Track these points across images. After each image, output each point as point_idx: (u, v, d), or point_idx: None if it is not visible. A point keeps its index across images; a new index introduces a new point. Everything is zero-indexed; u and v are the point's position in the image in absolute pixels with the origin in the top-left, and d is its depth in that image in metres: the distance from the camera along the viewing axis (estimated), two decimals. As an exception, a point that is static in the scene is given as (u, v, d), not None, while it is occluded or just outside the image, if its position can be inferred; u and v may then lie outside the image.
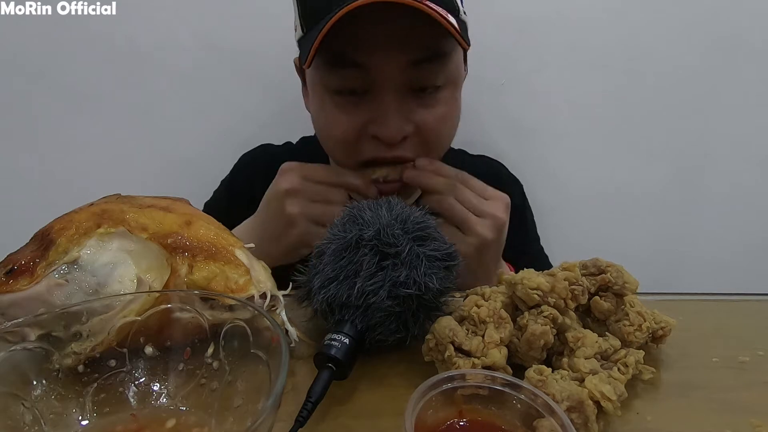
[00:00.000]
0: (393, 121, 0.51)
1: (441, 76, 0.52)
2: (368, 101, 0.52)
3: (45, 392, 0.27)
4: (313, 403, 0.29)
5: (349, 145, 0.54)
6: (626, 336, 0.36)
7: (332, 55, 0.50)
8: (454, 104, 0.56)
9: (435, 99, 0.53)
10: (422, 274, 0.34)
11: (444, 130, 0.56)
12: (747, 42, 0.87)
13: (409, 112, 0.52)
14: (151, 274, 0.33)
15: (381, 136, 0.51)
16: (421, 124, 0.53)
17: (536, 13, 0.85)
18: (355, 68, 0.50)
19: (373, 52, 0.49)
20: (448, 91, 0.54)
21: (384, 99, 0.51)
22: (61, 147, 0.87)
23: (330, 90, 0.53)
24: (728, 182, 0.94)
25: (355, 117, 0.53)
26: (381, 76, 0.50)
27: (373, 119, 0.52)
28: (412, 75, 0.50)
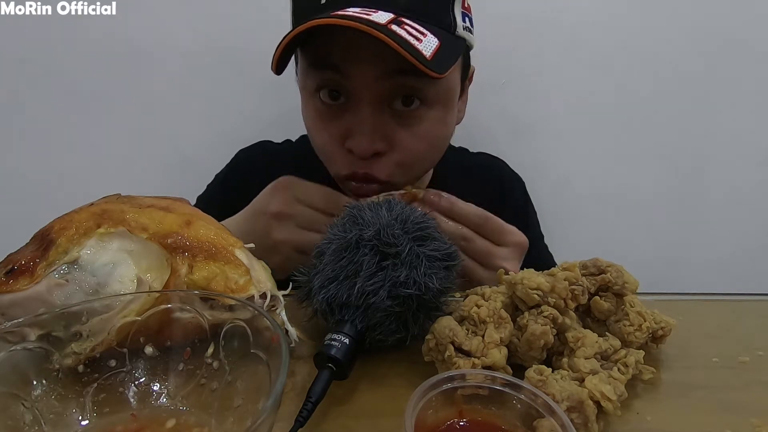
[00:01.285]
0: (366, 136, 0.49)
1: (421, 92, 0.50)
2: (346, 113, 0.50)
3: (45, 392, 0.27)
4: (313, 403, 0.29)
5: (331, 158, 0.53)
6: (626, 336, 0.36)
7: (314, 58, 0.50)
8: (441, 125, 0.53)
9: (417, 117, 0.51)
10: (422, 274, 0.34)
11: (422, 153, 0.53)
12: (747, 42, 0.87)
13: (385, 128, 0.50)
14: (151, 274, 0.33)
15: (353, 150, 0.50)
16: (396, 143, 0.51)
17: (536, 13, 0.85)
18: (333, 71, 0.49)
19: (350, 59, 0.48)
20: (434, 111, 0.51)
21: (359, 112, 0.49)
22: (61, 147, 0.87)
23: (312, 92, 0.52)
24: (728, 182, 0.94)
25: (334, 127, 0.51)
26: (357, 85, 0.49)
27: (349, 132, 0.50)
28: (388, 86, 0.48)
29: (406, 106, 0.50)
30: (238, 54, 0.84)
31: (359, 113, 0.49)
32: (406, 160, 0.52)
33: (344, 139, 0.51)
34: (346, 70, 0.48)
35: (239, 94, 0.87)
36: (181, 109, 0.87)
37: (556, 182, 0.93)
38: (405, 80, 0.48)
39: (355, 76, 0.48)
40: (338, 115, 0.51)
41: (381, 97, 0.49)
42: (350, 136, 0.50)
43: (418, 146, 0.52)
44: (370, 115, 0.49)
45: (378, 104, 0.49)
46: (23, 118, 0.85)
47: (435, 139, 0.54)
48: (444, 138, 0.56)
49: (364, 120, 0.49)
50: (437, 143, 0.55)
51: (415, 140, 0.51)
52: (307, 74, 0.52)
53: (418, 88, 0.49)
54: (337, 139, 0.51)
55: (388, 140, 0.51)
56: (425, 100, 0.50)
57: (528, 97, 0.89)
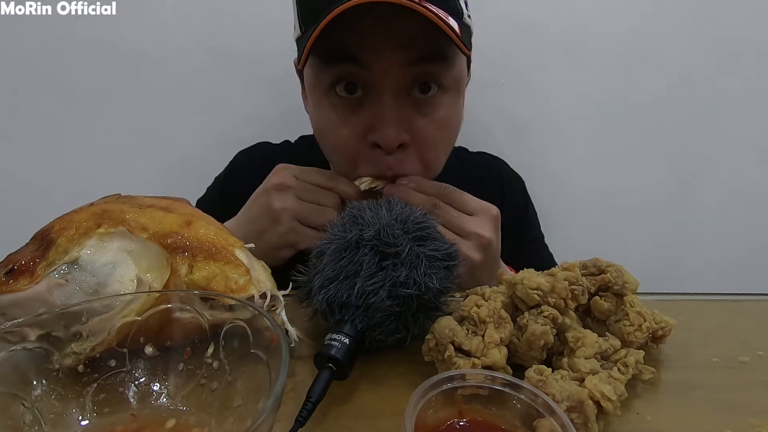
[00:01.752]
0: (392, 127, 0.49)
1: (441, 79, 0.50)
2: (366, 106, 0.50)
3: (45, 392, 0.27)
4: (313, 403, 0.29)
5: (350, 157, 0.52)
6: (626, 336, 0.36)
7: (328, 49, 0.48)
8: (455, 111, 0.54)
9: (435, 104, 0.51)
10: (422, 274, 0.34)
11: (444, 140, 0.54)
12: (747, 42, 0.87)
13: (408, 117, 0.50)
14: (151, 274, 0.33)
15: (380, 142, 0.49)
16: (417, 132, 0.51)
17: (536, 13, 0.85)
18: (352, 63, 0.48)
19: (370, 49, 0.47)
20: (449, 97, 0.52)
21: (381, 102, 0.49)
22: (61, 147, 0.87)
23: (326, 89, 0.51)
24: (728, 182, 0.94)
25: (353, 123, 0.51)
26: (378, 76, 0.48)
27: (372, 125, 0.50)
28: (410, 74, 0.48)
29: (423, 94, 0.50)
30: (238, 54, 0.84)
31: (381, 104, 0.49)
32: (424, 151, 0.52)
33: (366, 133, 0.50)
34: (365, 60, 0.47)
35: (239, 94, 0.87)
36: (180, 110, 0.87)
37: (556, 182, 0.93)
38: (427, 67, 0.48)
39: (375, 66, 0.47)
40: (356, 110, 0.50)
41: (402, 86, 0.49)
42: (374, 129, 0.49)
43: (437, 134, 0.52)
44: (393, 104, 0.49)
45: (399, 93, 0.49)
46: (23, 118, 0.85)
47: (451, 126, 0.54)
48: (458, 125, 0.56)
49: (388, 110, 0.48)
50: (453, 130, 0.56)
51: (434, 128, 0.52)
52: (319, 71, 0.51)
53: (438, 74, 0.50)
54: (359, 134, 0.50)
55: (411, 131, 0.51)
56: (442, 86, 0.51)
57: (528, 97, 0.89)
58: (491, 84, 0.87)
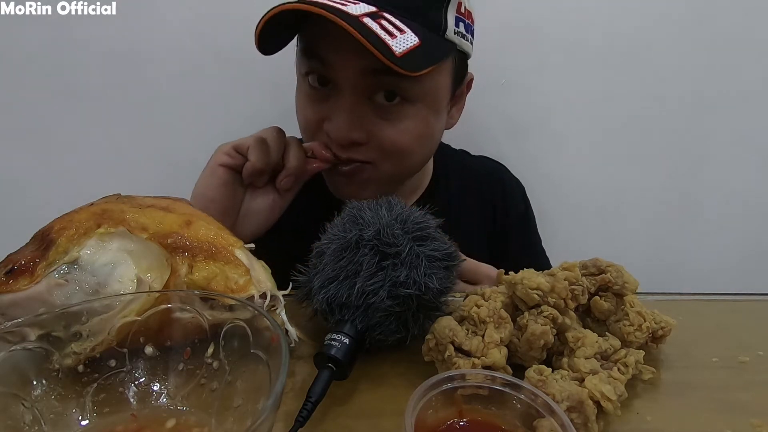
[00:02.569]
0: (343, 124, 0.50)
1: (404, 89, 0.50)
2: (330, 99, 0.52)
3: (45, 392, 0.27)
4: (313, 403, 0.29)
5: (309, 135, 0.56)
6: (626, 336, 0.36)
7: (304, 44, 0.52)
8: (422, 124, 0.53)
9: (399, 113, 0.51)
10: (422, 274, 0.34)
11: (406, 145, 0.53)
12: (747, 42, 0.87)
13: (364, 119, 0.51)
14: (151, 274, 0.33)
15: (330, 132, 0.52)
16: (377, 135, 0.51)
17: (536, 13, 0.85)
18: (318, 61, 0.51)
19: (332, 50, 0.49)
20: (416, 109, 0.51)
21: (339, 100, 0.51)
22: (61, 147, 0.87)
23: (302, 75, 0.54)
24: (728, 182, 0.94)
25: (316, 110, 0.53)
26: (339, 75, 0.50)
27: (330, 116, 0.52)
28: (370, 83, 0.49)
29: (388, 101, 0.51)
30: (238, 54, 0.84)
31: (339, 102, 0.51)
32: (388, 150, 0.53)
33: (323, 121, 0.53)
34: (329, 61, 0.50)
35: (239, 94, 0.87)
36: (181, 109, 0.87)
37: (555, 182, 0.93)
38: (386, 78, 0.49)
39: (337, 68, 0.49)
40: (323, 99, 0.53)
41: (362, 90, 0.50)
42: (329, 120, 0.52)
43: (400, 138, 0.52)
44: (350, 105, 0.50)
45: (359, 96, 0.50)
46: (23, 118, 0.85)
47: (417, 137, 0.54)
48: (426, 139, 0.56)
49: (344, 109, 0.50)
50: (420, 141, 0.54)
51: (396, 133, 0.52)
52: (299, 58, 0.55)
53: (400, 86, 0.50)
54: (318, 120, 0.53)
55: (367, 132, 0.51)
56: (408, 98, 0.51)
57: (528, 97, 0.89)
58: (491, 84, 0.87)
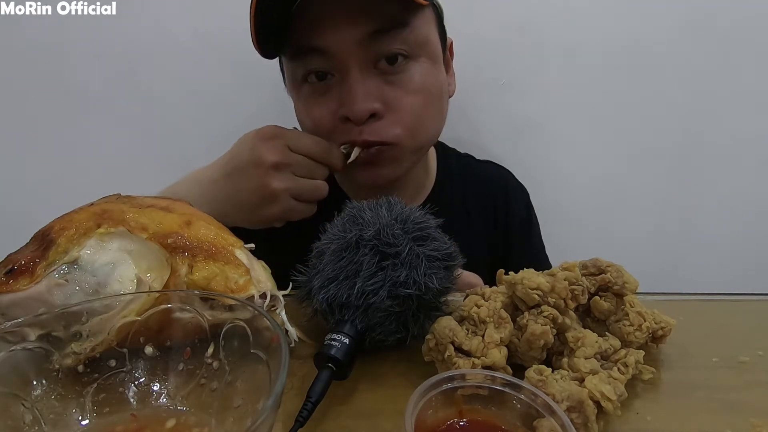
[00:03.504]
0: (358, 98, 0.50)
1: (404, 46, 0.51)
2: (336, 87, 0.52)
3: (45, 392, 0.27)
4: (313, 403, 0.29)
5: (326, 136, 0.54)
6: (626, 336, 0.36)
7: (293, 45, 0.51)
8: (431, 77, 0.54)
9: (405, 75, 0.52)
10: (422, 274, 0.34)
11: (421, 106, 0.53)
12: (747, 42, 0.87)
13: (376, 88, 0.51)
14: (151, 274, 0.33)
15: (348, 114, 0.51)
16: (392, 102, 0.52)
17: (536, 12, 0.85)
18: (315, 53, 0.50)
19: (326, 33, 0.49)
20: (420, 65, 0.52)
21: (348, 79, 0.50)
22: (61, 147, 0.87)
23: (299, 81, 0.54)
24: (729, 182, 0.94)
25: (325, 104, 0.53)
26: (340, 55, 0.50)
27: (342, 101, 0.51)
28: (371, 50, 0.50)
29: (391, 65, 0.51)
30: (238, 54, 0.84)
31: (348, 81, 0.51)
32: (406, 119, 0.53)
33: (337, 110, 0.52)
34: (327, 46, 0.49)
35: (239, 94, 0.87)
36: (181, 109, 0.87)
37: (555, 181, 0.93)
38: (386, 38, 0.49)
39: (337, 48, 0.49)
40: (327, 92, 0.53)
41: (366, 60, 0.50)
42: (343, 104, 0.51)
43: (414, 100, 0.52)
44: (359, 79, 0.50)
45: (365, 68, 0.51)
46: (23, 118, 0.85)
47: (428, 92, 0.54)
48: (438, 92, 0.56)
49: (354, 84, 0.50)
50: (432, 97, 0.55)
51: (410, 95, 0.52)
52: (292, 68, 0.54)
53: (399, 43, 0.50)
54: (332, 112, 0.53)
55: (383, 101, 0.51)
56: (409, 55, 0.52)
57: (528, 97, 0.89)
58: (491, 84, 0.87)
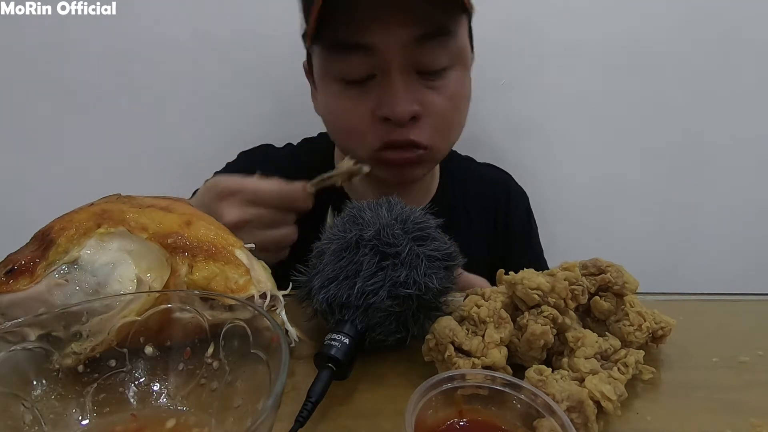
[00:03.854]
0: (401, 98, 0.50)
1: (446, 55, 0.52)
2: (375, 86, 0.51)
3: (45, 392, 0.27)
4: (313, 403, 0.29)
5: (361, 135, 0.54)
6: (626, 336, 0.36)
7: (335, 41, 0.50)
8: (464, 85, 0.56)
9: (443, 81, 0.53)
10: (422, 274, 0.34)
11: (454, 112, 0.55)
12: (747, 41, 0.87)
13: (417, 92, 0.52)
14: (151, 274, 0.33)
15: (390, 115, 0.51)
16: (430, 106, 0.52)
17: (536, 12, 0.85)
18: (359, 51, 0.50)
19: (374, 32, 0.49)
20: (456, 72, 0.54)
21: (390, 79, 0.50)
22: (61, 147, 0.87)
23: (338, 79, 0.53)
24: (729, 182, 0.94)
25: (364, 104, 0.52)
26: (385, 56, 0.49)
27: (382, 102, 0.51)
28: (416, 54, 0.50)
29: (432, 70, 0.52)
30: (238, 54, 0.84)
31: (390, 81, 0.50)
32: (440, 124, 0.54)
33: (376, 110, 0.52)
34: (372, 45, 0.49)
35: (239, 94, 0.87)
36: (181, 109, 0.87)
37: (555, 181, 0.93)
38: (431, 43, 0.50)
39: (382, 48, 0.49)
40: (367, 92, 0.52)
41: (409, 63, 0.51)
42: (384, 104, 0.51)
43: (450, 106, 0.54)
44: (401, 80, 0.50)
45: (407, 70, 0.51)
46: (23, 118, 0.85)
47: (462, 100, 0.56)
48: (468, 100, 0.58)
49: (397, 85, 0.50)
50: (464, 104, 0.57)
51: (446, 101, 0.53)
52: (327, 60, 0.53)
53: (442, 50, 0.51)
54: (368, 113, 0.52)
55: (421, 103, 0.52)
56: (446, 63, 0.52)
57: (528, 97, 0.89)
58: (491, 84, 0.87)
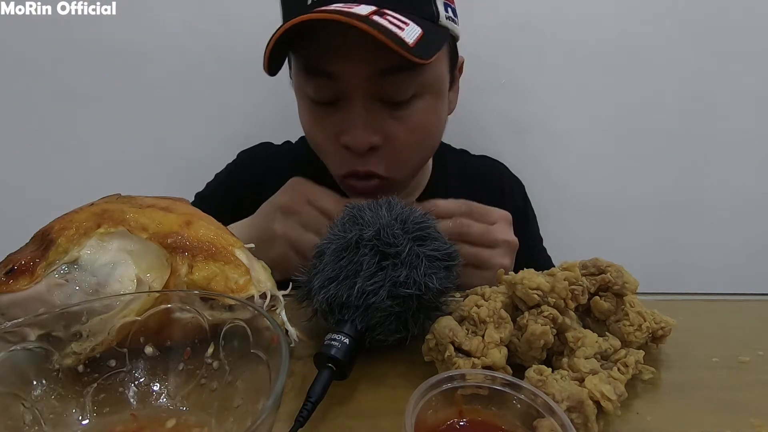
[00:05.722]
0: (360, 130, 0.50)
1: (412, 87, 0.51)
2: (339, 111, 0.51)
3: (45, 392, 0.27)
4: (313, 403, 0.29)
5: (329, 157, 0.55)
6: (626, 336, 0.36)
7: (305, 61, 0.51)
8: (433, 115, 0.55)
9: (408, 110, 0.52)
10: (422, 274, 0.34)
11: (416, 143, 0.54)
12: (747, 42, 0.87)
13: (379, 122, 0.51)
14: (151, 274, 0.33)
15: (349, 145, 0.51)
16: (391, 136, 0.52)
17: (536, 13, 0.85)
18: (324, 77, 0.50)
19: (339, 61, 0.48)
20: (424, 101, 0.52)
21: (352, 109, 0.50)
22: (61, 147, 0.87)
23: (308, 98, 0.53)
24: (728, 181, 0.94)
25: (328, 128, 0.53)
26: (348, 85, 0.49)
27: (343, 129, 0.51)
28: (379, 85, 0.49)
29: (396, 100, 0.51)
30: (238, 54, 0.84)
31: (352, 110, 0.50)
32: (400, 155, 0.53)
33: (339, 136, 0.52)
34: (336, 73, 0.49)
35: (239, 94, 0.87)
36: (180, 109, 0.87)
37: (555, 182, 0.93)
38: (394, 77, 0.49)
39: (345, 78, 0.49)
40: (332, 114, 0.52)
41: (371, 93, 0.50)
42: (344, 132, 0.51)
43: (412, 138, 0.53)
44: (362, 110, 0.50)
45: (370, 100, 0.50)
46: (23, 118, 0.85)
47: (427, 130, 0.55)
48: (436, 128, 0.57)
49: (357, 115, 0.50)
50: (430, 134, 0.56)
51: (408, 132, 0.52)
52: (299, 78, 0.54)
53: (408, 83, 0.50)
54: (332, 136, 0.53)
55: (383, 134, 0.51)
56: (411, 94, 0.51)
57: (528, 97, 0.89)
58: (491, 84, 0.87)
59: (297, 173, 0.53)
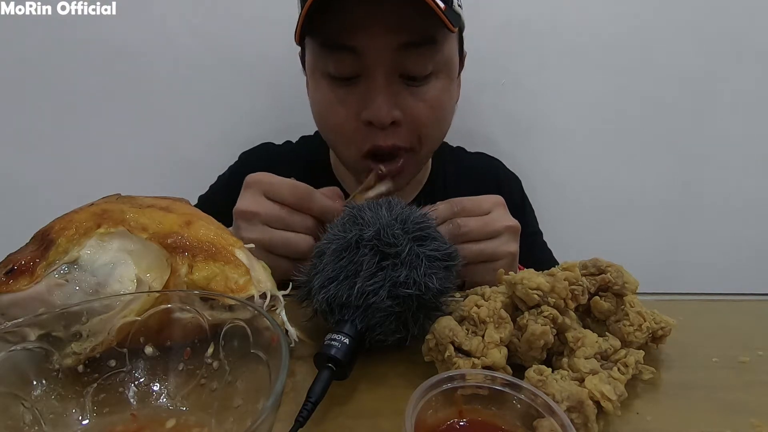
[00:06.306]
0: (382, 103, 0.51)
1: (431, 63, 0.52)
2: (360, 87, 0.52)
3: (45, 392, 0.27)
4: (313, 403, 0.29)
5: (348, 137, 0.55)
6: (626, 336, 0.36)
7: (325, 38, 0.51)
8: (447, 95, 0.56)
9: (426, 88, 0.53)
10: (422, 274, 0.34)
11: (435, 120, 0.55)
12: (747, 42, 0.87)
13: (399, 97, 0.52)
14: (151, 274, 0.33)
15: (371, 119, 0.51)
16: (411, 112, 0.53)
17: (536, 13, 0.85)
18: (346, 51, 0.50)
19: (362, 35, 0.49)
20: (440, 81, 0.54)
21: (373, 82, 0.51)
22: (61, 147, 0.87)
23: (326, 75, 0.54)
24: (728, 181, 0.94)
25: (349, 104, 0.53)
26: (370, 59, 0.50)
27: (365, 104, 0.52)
28: (401, 60, 0.50)
29: (415, 76, 0.52)
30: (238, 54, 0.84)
31: (373, 84, 0.51)
32: (422, 130, 0.54)
33: (360, 111, 0.52)
34: (359, 47, 0.50)
35: (240, 94, 0.87)
36: (181, 110, 0.87)
37: (555, 182, 0.93)
38: (417, 51, 0.50)
39: (367, 51, 0.50)
40: (351, 90, 0.53)
41: (393, 68, 0.51)
42: (366, 108, 0.52)
43: (432, 114, 0.54)
44: (385, 84, 0.51)
45: (391, 74, 0.51)
46: (23, 118, 0.85)
47: (442, 108, 0.56)
48: (449, 108, 0.58)
49: (380, 89, 0.51)
50: (444, 112, 0.57)
51: (428, 108, 0.54)
52: (318, 55, 0.54)
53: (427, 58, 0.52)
54: (354, 113, 0.53)
55: (402, 109, 0.53)
56: (431, 70, 0.53)
57: (528, 97, 0.89)
58: (491, 84, 0.87)
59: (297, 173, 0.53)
